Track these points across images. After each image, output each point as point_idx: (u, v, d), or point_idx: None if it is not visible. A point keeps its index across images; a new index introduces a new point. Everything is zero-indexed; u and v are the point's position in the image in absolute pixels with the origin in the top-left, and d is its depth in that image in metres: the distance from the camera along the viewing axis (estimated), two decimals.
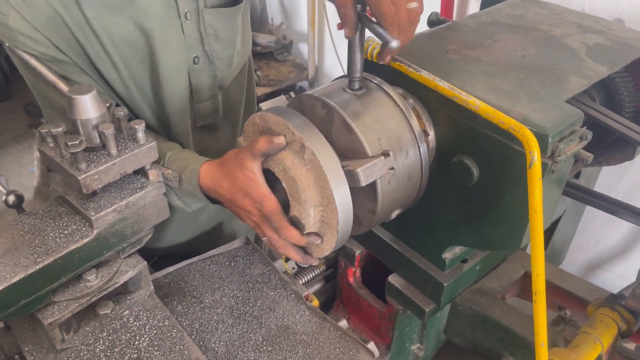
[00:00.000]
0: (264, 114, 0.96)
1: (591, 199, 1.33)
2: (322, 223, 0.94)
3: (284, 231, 0.96)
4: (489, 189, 1.00)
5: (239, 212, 1.04)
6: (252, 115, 0.99)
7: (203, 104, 1.32)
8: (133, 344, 0.98)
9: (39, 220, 0.95)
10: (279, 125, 0.93)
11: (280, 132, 0.93)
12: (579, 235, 1.99)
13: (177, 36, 1.17)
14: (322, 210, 0.92)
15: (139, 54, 1.15)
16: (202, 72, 1.27)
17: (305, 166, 0.91)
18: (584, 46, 1.16)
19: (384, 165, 0.90)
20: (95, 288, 0.96)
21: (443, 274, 1.21)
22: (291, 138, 0.91)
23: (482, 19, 1.28)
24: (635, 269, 1.30)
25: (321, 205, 0.92)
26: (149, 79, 1.20)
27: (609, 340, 1.18)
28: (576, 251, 2.15)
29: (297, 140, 0.90)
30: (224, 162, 1.04)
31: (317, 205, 0.92)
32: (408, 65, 0.99)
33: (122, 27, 1.09)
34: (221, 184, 1.03)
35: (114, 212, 0.94)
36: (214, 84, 1.31)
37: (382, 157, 0.90)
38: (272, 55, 3.66)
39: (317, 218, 0.93)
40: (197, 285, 1.22)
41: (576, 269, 2.21)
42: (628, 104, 1.21)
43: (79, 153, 0.86)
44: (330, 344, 1.12)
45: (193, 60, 1.23)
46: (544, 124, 0.89)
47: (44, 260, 0.87)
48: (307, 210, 0.92)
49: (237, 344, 1.10)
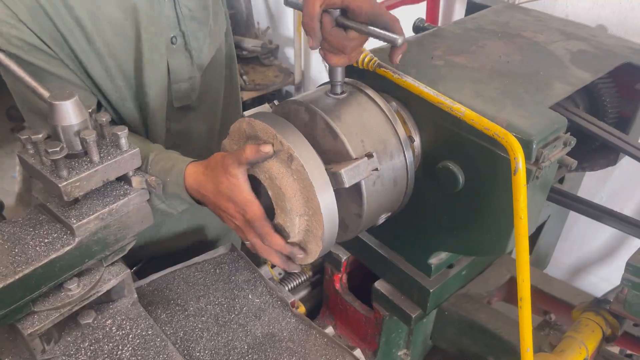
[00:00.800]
0: (252, 120, 0.95)
1: (574, 204, 1.34)
2: (307, 232, 0.93)
3: (268, 238, 0.95)
4: (475, 195, 1.00)
5: (222, 215, 1.04)
6: (240, 120, 0.98)
7: (181, 84, 1.32)
8: (116, 354, 0.96)
9: (19, 229, 0.93)
10: (267, 133, 0.92)
11: (267, 140, 0.92)
12: (563, 239, 2.00)
13: (157, 15, 1.18)
14: (308, 220, 0.92)
15: (124, 36, 1.15)
16: (180, 53, 1.27)
17: (292, 176, 0.90)
18: (568, 53, 1.17)
19: (368, 166, 0.90)
20: (76, 297, 0.94)
21: (429, 280, 1.21)
22: (279, 147, 0.90)
23: (468, 25, 1.28)
24: (618, 272, 1.31)
25: (306, 214, 0.91)
26: (133, 64, 1.20)
27: (594, 345, 1.19)
28: (561, 255, 2.17)
29: (285, 150, 0.89)
30: (209, 165, 1.03)
31: (302, 215, 0.92)
32: (393, 72, 0.99)
33: (107, 8, 1.10)
34: (205, 186, 1.03)
35: (96, 219, 0.92)
36: (191, 65, 1.31)
37: (366, 158, 0.90)
38: (258, 60, 3.65)
39: (302, 227, 0.93)
40: (181, 293, 1.21)
41: (561, 272, 2.23)
42: (611, 110, 1.23)
43: (60, 160, 0.84)
44: (316, 351, 1.11)
45: (171, 40, 1.24)
46: (528, 130, 0.90)
47: (23, 269, 0.85)
48: (293, 219, 0.92)
49: (222, 353, 1.08)
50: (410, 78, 0.96)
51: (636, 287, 1.03)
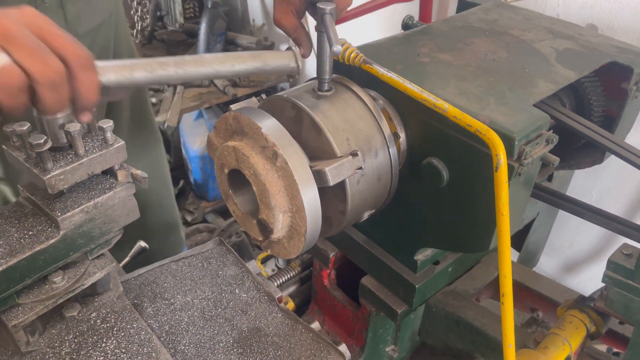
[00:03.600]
0: (237, 115, 0.95)
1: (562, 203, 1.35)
2: (290, 228, 0.94)
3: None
4: (458, 192, 1.01)
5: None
6: (226, 114, 0.99)
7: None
8: (100, 347, 0.97)
9: (4, 221, 0.93)
10: (252, 128, 0.93)
11: (252, 135, 0.93)
12: (553, 238, 2.01)
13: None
14: (291, 216, 0.92)
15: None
16: (51, 12, 1.14)
17: (277, 173, 0.91)
18: (554, 51, 1.18)
19: (352, 165, 0.91)
20: (61, 290, 0.95)
21: (415, 276, 1.22)
22: (264, 144, 0.91)
23: (456, 23, 1.29)
24: None
25: (290, 211, 0.92)
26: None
27: (578, 342, 1.20)
28: (551, 253, 2.18)
29: (270, 146, 0.90)
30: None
31: (286, 212, 0.92)
32: (378, 68, 1.00)
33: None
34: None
35: (81, 212, 0.93)
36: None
37: (350, 156, 0.91)
38: None
39: (286, 223, 0.94)
40: (168, 287, 1.21)
41: (551, 271, 2.24)
42: (597, 108, 1.23)
43: (44, 153, 0.85)
44: (301, 346, 1.12)
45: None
46: (510, 127, 0.90)
47: (7, 261, 0.86)
48: (276, 215, 0.92)
49: (207, 346, 1.09)
50: (395, 75, 0.97)
51: (617, 283, 1.04)
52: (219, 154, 1.00)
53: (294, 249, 0.95)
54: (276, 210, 0.91)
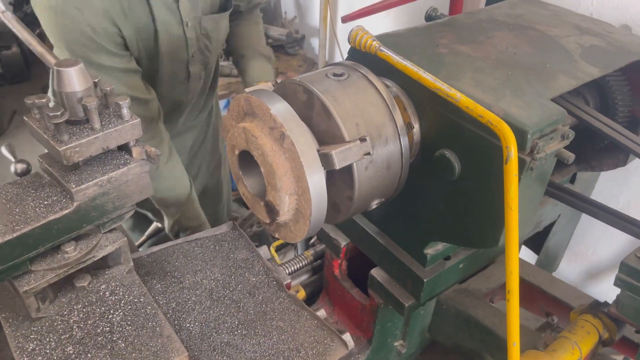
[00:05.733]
0: (249, 96, 0.96)
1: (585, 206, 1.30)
2: (296, 211, 0.94)
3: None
4: (470, 184, 0.99)
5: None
6: (239, 95, 1.00)
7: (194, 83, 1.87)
8: (106, 318, 0.99)
9: (22, 190, 0.97)
10: (262, 109, 0.93)
11: (262, 116, 0.93)
12: (575, 243, 1.96)
13: (179, 36, 1.66)
14: (297, 199, 0.93)
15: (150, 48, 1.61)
16: (196, 62, 1.79)
17: (284, 154, 0.91)
18: (579, 47, 1.15)
19: (360, 150, 0.90)
20: (73, 260, 0.97)
21: (424, 270, 1.21)
22: (272, 125, 0.91)
23: (480, 16, 1.27)
24: None
25: (296, 194, 0.92)
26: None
27: (589, 347, 1.16)
28: (573, 259, 2.12)
29: (278, 127, 0.90)
30: None
31: (292, 194, 0.93)
32: (394, 56, 0.99)
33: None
34: None
35: (95, 186, 0.95)
36: (204, 69, 1.85)
37: (358, 141, 0.90)
38: (283, 49, 3.67)
39: (292, 206, 0.94)
40: (179, 266, 1.23)
41: (572, 277, 2.18)
42: (622, 108, 1.20)
43: (61, 125, 0.87)
44: (305, 332, 1.12)
45: (192, 54, 1.74)
46: (524, 120, 0.88)
47: (22, 228, 0.89)
48: (282, 197, 0.93)
49: (212, 326, 1.10)
50: (410, 62, 0.96)
51: (629, 287, 1.00)
52: (230, 136, 1.01)
53: (300, 232, 0.96)
54: (282, 192, 0.92)
